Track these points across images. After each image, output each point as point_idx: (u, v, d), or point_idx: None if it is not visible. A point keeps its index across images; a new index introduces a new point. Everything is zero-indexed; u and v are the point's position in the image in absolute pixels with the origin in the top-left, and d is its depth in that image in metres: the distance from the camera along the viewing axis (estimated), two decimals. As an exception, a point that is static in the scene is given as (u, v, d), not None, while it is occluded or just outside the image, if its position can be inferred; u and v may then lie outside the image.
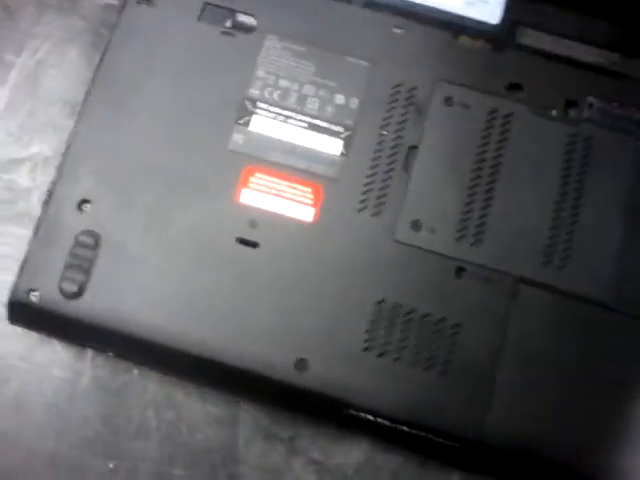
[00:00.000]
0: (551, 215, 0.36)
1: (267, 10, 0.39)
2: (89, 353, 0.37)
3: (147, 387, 0.37)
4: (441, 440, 0.33)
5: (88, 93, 0.37)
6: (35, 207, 0.38)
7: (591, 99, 0.38)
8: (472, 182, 0.36)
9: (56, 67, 0.42)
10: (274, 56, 0.38)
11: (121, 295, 0.35)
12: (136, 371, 0.37)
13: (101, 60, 0.38)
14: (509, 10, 0.41)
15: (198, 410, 0.37)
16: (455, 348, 0.34)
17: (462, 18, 0.40)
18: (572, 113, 0.38)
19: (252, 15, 0.39)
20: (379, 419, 0.34)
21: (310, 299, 0.34)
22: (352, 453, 0.36)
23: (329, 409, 0.34)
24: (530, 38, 0.41)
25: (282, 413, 0.37)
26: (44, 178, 0.39)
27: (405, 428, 0.33)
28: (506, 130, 0.37)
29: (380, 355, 0.34)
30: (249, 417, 0.37)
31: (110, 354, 0.36)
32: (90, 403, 0.37)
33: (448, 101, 0.37)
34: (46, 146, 0.40)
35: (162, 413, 0.37)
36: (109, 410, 0.37)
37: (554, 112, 0.37)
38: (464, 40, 0.39)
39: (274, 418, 0.37)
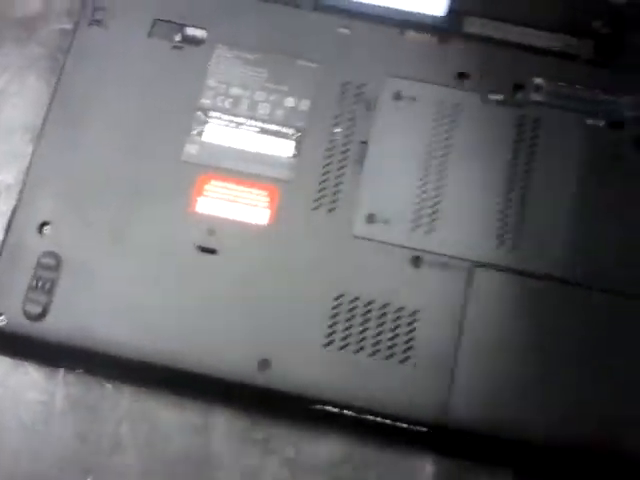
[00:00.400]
0: (503, 197, 0.36)
1: (216, 21, 0.39)
2: (61, 372, 0.38)
3: (120, 401, 0.37)
4: (406, 426, 0.33)
5: (45, 117, 0.38)
6: (-2, 234, 0.39)
7: (538, 81, 0.38)
8: (423, 172, 0.36)
9: (16, 95, 0.43)
10: (224, 65, 0.39)
11: (85, 313, 0.35)
12: (109, 385, 0.38)
13: (56, 84, 0.39)
14: (455, 1, 0.42)
15: (172, 420, 0.37)
16: (415, 335, 0.34)
17: (409, 13, 0.41)
18: (520, 96, 0.38)
19: (202, 27, 0.40)
20: (345, 411, 0.34)
21: (270, 300, 0.35)
22: (326, 448, 0.36)
23: (297, 406, 0.34)
24: (477, 26, 0.42)
25: (254, 415, 0.37)
26: (7, 206, 0.40)
27: (371, 417, 0.33)
28: (455, 119, 0.37)
29: (341, 348, 0.34)
30: (222, 422, 0.37)
31: (80, 371, 0.37)
32: (65, 422, 0.37)
33: (397, 95, 0.38)
34: (8, 174, 0.41)
35: (137, 426, 0.37)
36: (84, 427, 0.37)
37: (502, 97, 0.38)
38: (410, 35, 0.39)
39: (247, 421, 0.37)
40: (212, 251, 0.36)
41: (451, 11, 0.41)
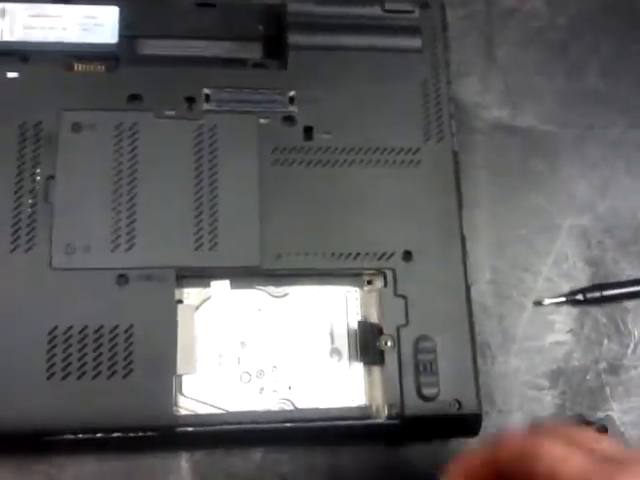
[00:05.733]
0: (193, 205, 0.39)
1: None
2: None
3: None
4: (140, 434, 0.35)
5: None
6: None
7: (207, 91, 0.41)
8: (113, 195, 0.38)
9: None
10: None
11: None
12: None
13: None
14: (128, 27, 0.44)
15: None
16: (133, 349, 0.36)
17: (79, 45, 0.42)
18: (194, 108, 0.41)
19: None
20: (80, 435, 0.35)
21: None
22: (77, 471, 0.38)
23: (29, 442, 0.35)
24: (150, 48, 0.44)
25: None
26: None
27: (100, 435, 0.35)
28: (135, 139, 0.39)
29: (64, 378, 0.35)
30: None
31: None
32: None
33: (76, 127, 0.39)
34: None
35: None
36: None
37: (175, 112, 0.40)
38: (80, 67, 0.41)
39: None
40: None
41: (123, 37, 0.43)
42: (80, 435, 0.35)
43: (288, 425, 0.38)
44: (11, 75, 0.40)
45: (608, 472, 0.28)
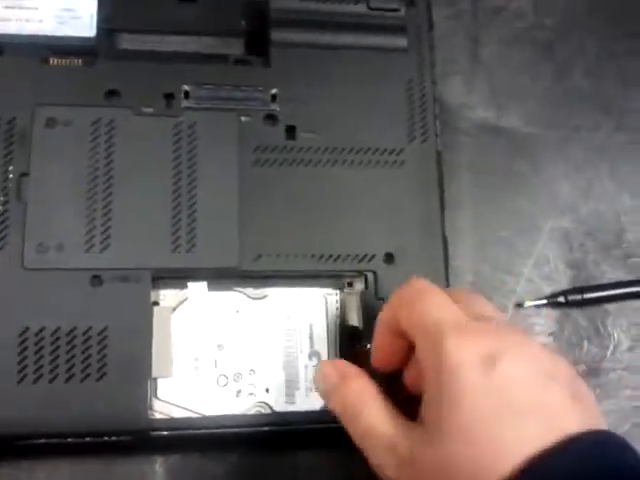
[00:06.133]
0: (171, 205, 0.38)
1: None
2: None
3: None
4: (114, 438, 0.35)
5: None
6: None
7: (185, 88, 0.40)
8: (89, 193, 0.37)
9: None
10: None
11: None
12: None
13: None
14: (107, 20, 0.43)
15: None
16: (107, 352, 0.35)
17: (56, 38, 0.41)
18: (173, 105, 0.40)
19: None
20: (53, 440, 0.34)
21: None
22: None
23: (3, 447, 0.35)
24: (129, 43, 0.43)
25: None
26: None
27: (71, 440, 0.35)
28: (112, 136, 0.38)
29: (35, 382, 0.35)
30: None
31: None
32: None
33: (50, 122, 0.38)
34: None
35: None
36: None
37: (153, 109, 0.39)
38: (55, 61, 0.40)
39: None
40: None
41: (101, 30, 0.42)
42: (52, 440, 0.34)
43: (265, 429, 0.37)
44: (-18, 68, 0.39)
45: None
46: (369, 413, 0.31)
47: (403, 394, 0.33)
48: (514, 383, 0.28)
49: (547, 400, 0.28)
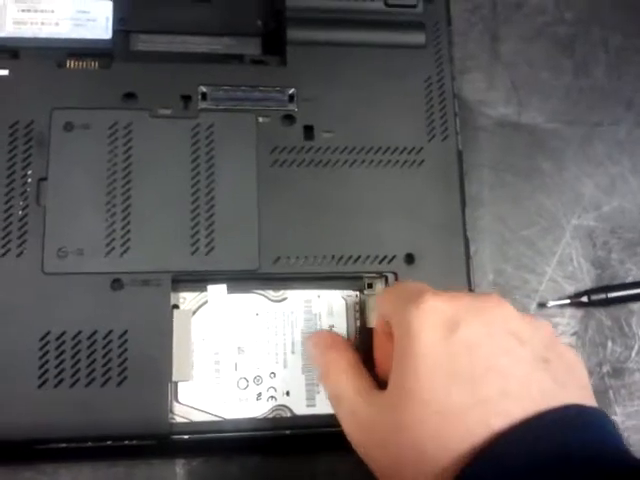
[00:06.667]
0: (190, 207, 0.38)
1: None
2: None
3: None
4: (135, 442, 0.35)
5: None
6: None
7: (202, 89, 0.40)
8: (107, 197, 0.37)
9: None
10: None
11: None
12: None
13: None
14: (122, 22, 0.43)
15: None
16: (128, 356, 0.35)
17: (72, 41, 0.41)
18: (190, 107, 0.40)
19: None
20: (74, 444, 0.34)
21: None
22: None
23: (20, 450, 0.35)
24: (144, 44, 0.43)
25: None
26: None
27: (92, 444, 0.34)
28: (129, 139, 0.38)
29: (56, 386, 0.35)
30: None
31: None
32: None
33: (68, 126, 0.38)
34: None
35: None
36: None
37: (170, 111, 0.39)
38: (72, 64, 0.40)
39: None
40: None
41: (117, 32, 0.42)
42: (73, 444, 0.34)
43: (286, 432, 0.37)
44: (1, 72, 0.39)
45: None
46: (337, 379, 0.33)
47: None
48: (473, 347, 0.28)
49: (506, 364, 0.27)
